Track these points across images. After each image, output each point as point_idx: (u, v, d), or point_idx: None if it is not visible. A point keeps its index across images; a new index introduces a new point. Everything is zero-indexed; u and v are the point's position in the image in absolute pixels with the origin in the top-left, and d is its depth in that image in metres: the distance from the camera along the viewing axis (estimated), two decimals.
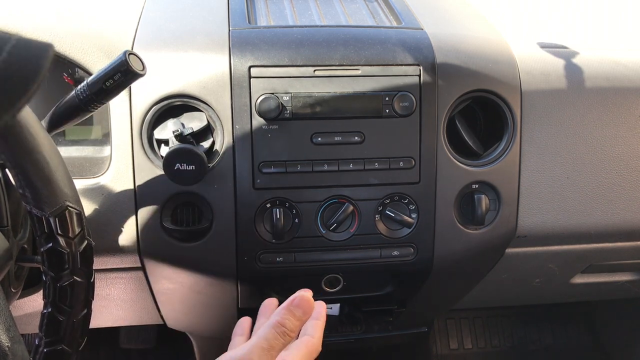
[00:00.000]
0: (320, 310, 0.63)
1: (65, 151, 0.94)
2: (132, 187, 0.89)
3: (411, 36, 0.94)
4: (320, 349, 0.63)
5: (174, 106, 0.88)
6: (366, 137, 0.90)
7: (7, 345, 0.58)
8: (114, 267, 0.95)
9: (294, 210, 0.90)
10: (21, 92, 0.36)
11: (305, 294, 0.62)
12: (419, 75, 0.90)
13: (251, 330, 0.69)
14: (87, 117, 0.75)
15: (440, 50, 0.92)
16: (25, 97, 0.36)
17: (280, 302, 1.03)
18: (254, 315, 1.10)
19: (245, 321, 0.71)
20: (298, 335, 0.63)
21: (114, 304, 1.08)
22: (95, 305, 0.71)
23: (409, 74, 0.90)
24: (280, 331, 0.59)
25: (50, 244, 0.65)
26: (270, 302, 0.71)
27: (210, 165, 0.87)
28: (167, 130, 0.87)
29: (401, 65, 0.90)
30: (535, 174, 0.99)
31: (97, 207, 0.88)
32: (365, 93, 0.89)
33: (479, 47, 0.98)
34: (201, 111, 0.88)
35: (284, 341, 0.59)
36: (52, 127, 0.75)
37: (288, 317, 0.60)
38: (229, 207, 0.89)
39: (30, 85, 0.36)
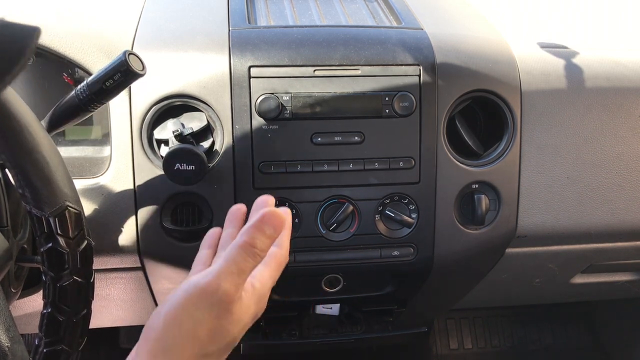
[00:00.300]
0: (287, 218, 0.55)
1: (65, 151, 0.94)
2: (132, 187, 0.89)
3: (411, 36, 0.94)
4: (287, 259, 0.59)
5: (174, 106, 0.88)
6: (366, 137, 0.90)
7: (7, 345, 0.58)
8: (114, 267, 0.95)
9: (294, 210, 0.90)
10: (7, 68, 0.36)
11: (273, 208, 0.53)
12: (419, 75, 0.90)
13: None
14: (87, 117, 0.75)
15: (440, 50, 0.92)
16: (11, 74, 0.36)
17: (280, 302, 1.03)
18: None
19: (215, 232, 0.64)
20: None
21: (114, 304, 1.08)
22: (95, 305, 0.71)
23: (409, 74, 0.90)
24: (250, 252, 0.51)
25: (50, 244, 0.65)
26: (237, 209, 0.64)
27: (210, 165, 0.87)
28: (167, 130, 0.87)
29: (401, 65, 0.90)
30: (535, 174, 0.99)
31: (97, 207, 0.88)
32: (365, 93, 0.89)
33: (479, 47, 0.98)
34: (201, 111, 0.88)
35: (254, 263, 0.52)
36: (52, 127, 0.75)
37: (258, 237, 0.51)
38: (228, 207, 0.88)
39: (16, 62, 0.36)
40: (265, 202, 0.61)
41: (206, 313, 0.50)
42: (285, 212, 0.55)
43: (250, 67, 0.87)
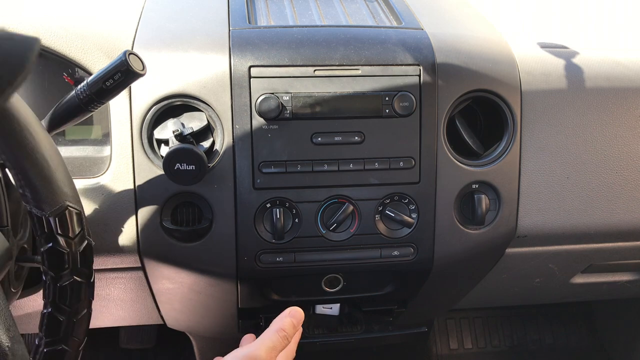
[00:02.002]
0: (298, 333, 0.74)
1: (65, 151, 0.94)
2: (132, 187, 0.89)
3: (411, 36, 0.94)
4: (294, 354, 0.77)
5: (174, 106, 0.88)
6: (366, 137, 0.90)
7: (7, 345, 0.58)
8: (114, 267, 0.95)
9: (294, 210, 0.90)
10: (9, 79, 0.36)
11: (298, 308, 0.73)
12: (419, 75, 0.90)
13: None
14: (87, 117, 0.75)
15: (440, 50, 0.92)
16: (12, 86, 0.37)
17: (280, 302, 1.03)
18: (254, 314, 1.10)
19: (249, 337, 0.80)
20: None
21: (114, 304, 1.08)
22: (95, 305, 0.71)
23: (409, 74, 0.90)
24: (282, 335, 0.69)
25: (50, 244, 0.65)
26: (250, 336, 0.81)
27: (210, 165, 0.87)
28: (167, 130, 0.87)
29: (401, 65, 0.90)
30: (535, 174, 0.99)
31: (97, 207, 0.88)
32: (365, 93, 0.89)
33: (479, 47, 0.98)
34: (201, 111, 0.88)
35: (284, 344, 0.69)
36: (52, 127, 0.75)
37: (287, 325, 0.70)
38: (229, 207, 0.89)
39: (17, 74, 0.37)
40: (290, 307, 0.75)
41: None
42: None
43: (250, 67, 0.87)
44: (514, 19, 1.23)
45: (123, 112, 0.88)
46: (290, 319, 0.72)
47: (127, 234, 0.90)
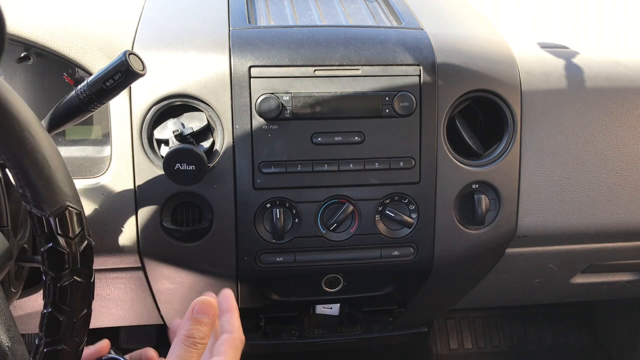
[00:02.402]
0: (229, 301, 0.60)
1: (65, 151, 0.94)
2: (132, 187, 0.89)
3: (411, 36, 0.94)
4: (243, 338, 0.62)
5: (174, 106, 0.88)
6: (366, 137, 0.90)
7: (7, 345, 0.58)
8: (114, 267, 0.95)
9: (294, 210, 0.90)
10: None
11: (203, 297, 0.60)
12: (419, 75, 0.90)
13: None
14: (87, 117, 0.75)
15: (440, 50, 0.92)
16: None
17: (280, 302, 1.03)
18: (254, 314, 1.09)
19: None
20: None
21: (114, 304, 1.08)
22: (95, 305, 0.71)
23: (409, 74, 0.90)
24: (189, 343, 0.58)
25: (50, 244, 0.65)
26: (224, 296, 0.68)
27: (210, 165, 0.87)
28: (167, 130, 0.87)
29: (401, 65, 0.90)
30: (535, 174, 0.99)
31: (97, 207, 0.88)
32: (365, 93, 0.89)
33: (479, 47, 0.98)
34: (201, 111, 0.88)
35: (198, 351, 0.58)
36: (52, 127, 0.75)
37: (194, 327, 0.58)
38: (229, 207, 0.89)
39: None
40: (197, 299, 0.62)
41: None
42: (226, 296, 0.58)
43: (250, 67, 0.87)
44: (514, 19, 1.23)
45: (123, 112, 0.88)
46: (196, 318, 0.59)
47: (127, 234, 0.90)
